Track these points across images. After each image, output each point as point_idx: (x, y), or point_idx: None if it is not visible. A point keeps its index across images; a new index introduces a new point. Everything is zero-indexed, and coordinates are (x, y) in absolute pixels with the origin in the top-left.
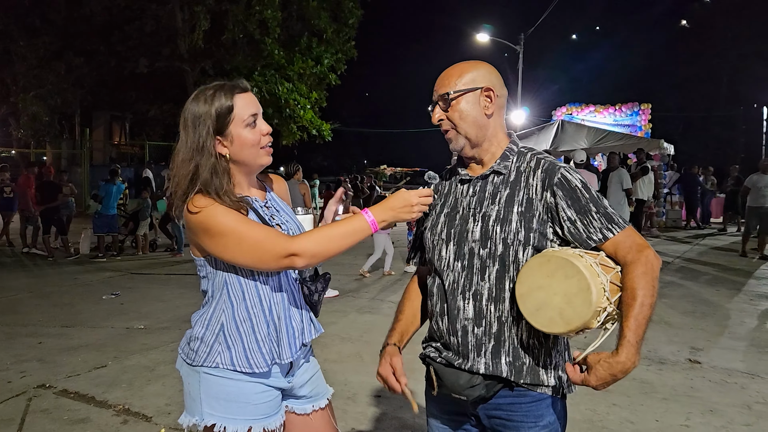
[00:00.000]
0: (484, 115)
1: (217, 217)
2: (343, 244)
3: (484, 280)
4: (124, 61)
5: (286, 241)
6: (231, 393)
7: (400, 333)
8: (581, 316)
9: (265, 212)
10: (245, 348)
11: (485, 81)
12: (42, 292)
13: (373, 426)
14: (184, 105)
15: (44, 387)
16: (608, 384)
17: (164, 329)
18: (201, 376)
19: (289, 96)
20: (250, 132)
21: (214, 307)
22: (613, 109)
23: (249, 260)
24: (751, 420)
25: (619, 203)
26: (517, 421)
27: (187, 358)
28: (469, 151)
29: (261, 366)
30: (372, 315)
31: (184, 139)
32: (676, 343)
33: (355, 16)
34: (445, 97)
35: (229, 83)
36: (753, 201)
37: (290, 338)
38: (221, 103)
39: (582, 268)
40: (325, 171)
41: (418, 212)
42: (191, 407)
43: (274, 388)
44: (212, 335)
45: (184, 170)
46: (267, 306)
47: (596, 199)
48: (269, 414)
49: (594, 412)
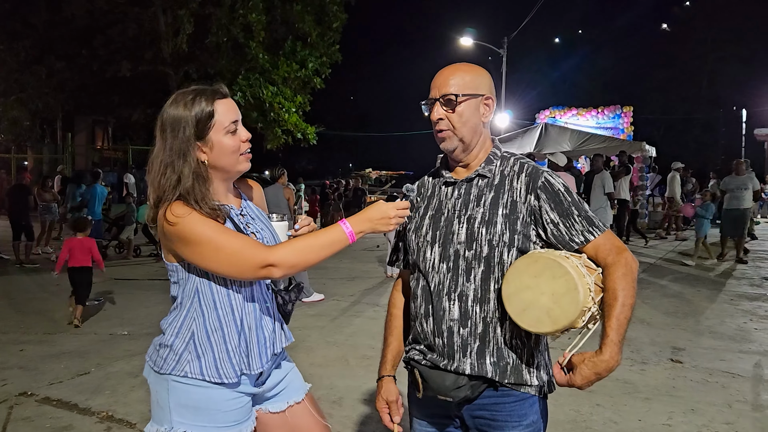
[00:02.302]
0: (481, 122)
1: (195, 227)
2: (321, 254)
3: (469, 281)
4: (106, 64)
5: (264, 251)
6: (200, 400)
7: (392, 360)
8: (568, 316)
9: (240, 220)
10: (215, 358)
11: (487, 89)
12: (23, 298)
13: (359, 429)
14: (162, 108)
15: (26, 395)
16: (592, 382)
17: (148, 335)
18: (169, 384)
19: (274, 100)
20: (230, 139)
21: (184, 315)
22: (596, 112)
23: (226, 270)
24: (731, 418)
25: (602, 206)
26: (501, 421)
27: (155, 366)
28: (460, 154)
29: (231, 377)
30: (357, 318)
31: (161, 144)
32: (658, 344)
33: (340, 20)
34: (450, 97)
35: (210, 88)
36: (727, 203)
37: (261, 348)
38: (202, 109)
39: (569, 268)
40: (311, 175)
41: (396, 224)
42: (159, 416)
43: (244, 394)
44: (182, 343)
45: (165, 176)
46: (239, 315)
47: (578, 202)
48: (240, 420)
49: (578, 413)
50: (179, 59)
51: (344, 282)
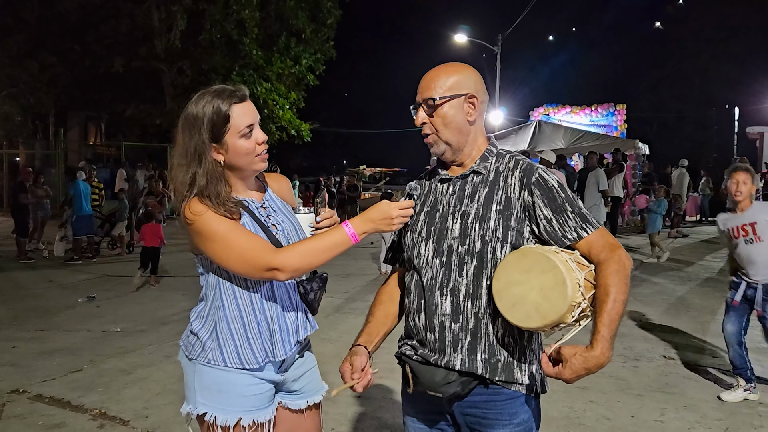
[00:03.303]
0: (466, 122)
1: (210, 225)
2: (325, 257)
3: (461, 277)
4: (99, 60)
5: (270, 254)
6: (223, 384)
7: (369, 334)
8: (557, 310)
9: (261, 213)
10: (237, 346)
11: (470, 87)
12: (16, 295)
13: (354, 426)
14: (185, 106)
15: (18, 392)
16: (580, 377)
17: (141, 332)
18: (196, 367)
19: (268, 96)
20: (245, 142)
21: (209, 305)
22: (590, 110)
23: (235, 267)
24: (723, 415)
25: (596, 204)
26: (491, 419)
27: (186, 351)
28: (450, 156)
29: (252, 363)
30: (352, 315)
31: (180, 142)
32: (651, 341)
33: (334, 16)
34: (429, 102)
35: (229, 89)
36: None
37: (284, 336)
38: (218, 112)
39: (558, 263)
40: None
41: (398, 224)
42: (188, 396)
43: (266, 381)
44: (206, 332)
45: (181, 175)
46: (258, 305)
47: (572, 199)
48: (259, 407)
49: (571, 409)
50: (173, 55)
51: (338, 279)
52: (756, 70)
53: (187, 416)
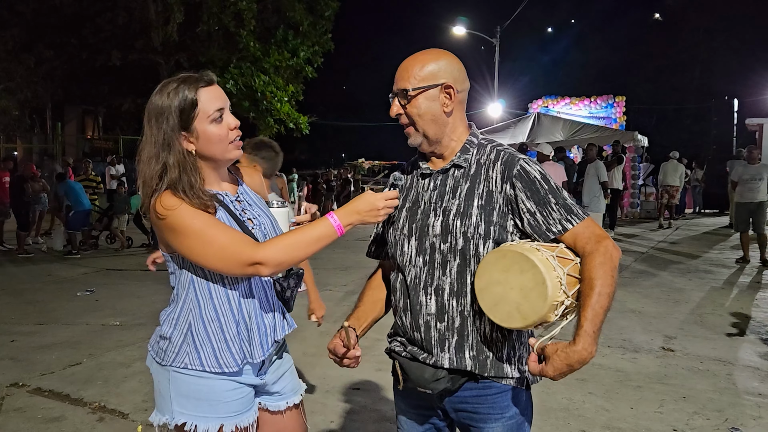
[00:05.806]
0: (443, 113)
1: (184, 219)
2: (309, 250)
3: (445, 275)
4: (95, 53)
5: (252, 248)
6: (201, 391)
7: (357, 317)
8: (537, 311)
9: (236, 207)
10: (214, 348)
11: (446, 76)
12: (14, 289)
13: (352, 418)
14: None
15: (17, 385)
16: (565, 374)
17: (140, 325)
18: (170, 374)
19: (266, 89)
20: (216, 127)
21: (181, 305)
22: (588, 102)
23: (214, 264)
24: (722, 406)
25: (596, 195)
26: (483, 414)
27: (157, 357)
28: (427, 147)
29: (231, 365)
30: (350, 308)
31: (148, 134)
32: (650, 332)
33: (332, 8)
34: (403, 92)
35: (194, 75)
36: (741, 196)
37: (262, 336)
38: (184, 98)
39: (537, 262)
40: (304, 164)
41: (384, 215)
42: (162, 405)
43: (246, 385)
44: (180, 335)
45: (151, 167)
46: (236, 305)
47: (555, 190)
48: (241, 411)
49: (570, 401)
50: (170, 48)
51: (337, 272)
52: (755, 62)
53: (163, 427)
